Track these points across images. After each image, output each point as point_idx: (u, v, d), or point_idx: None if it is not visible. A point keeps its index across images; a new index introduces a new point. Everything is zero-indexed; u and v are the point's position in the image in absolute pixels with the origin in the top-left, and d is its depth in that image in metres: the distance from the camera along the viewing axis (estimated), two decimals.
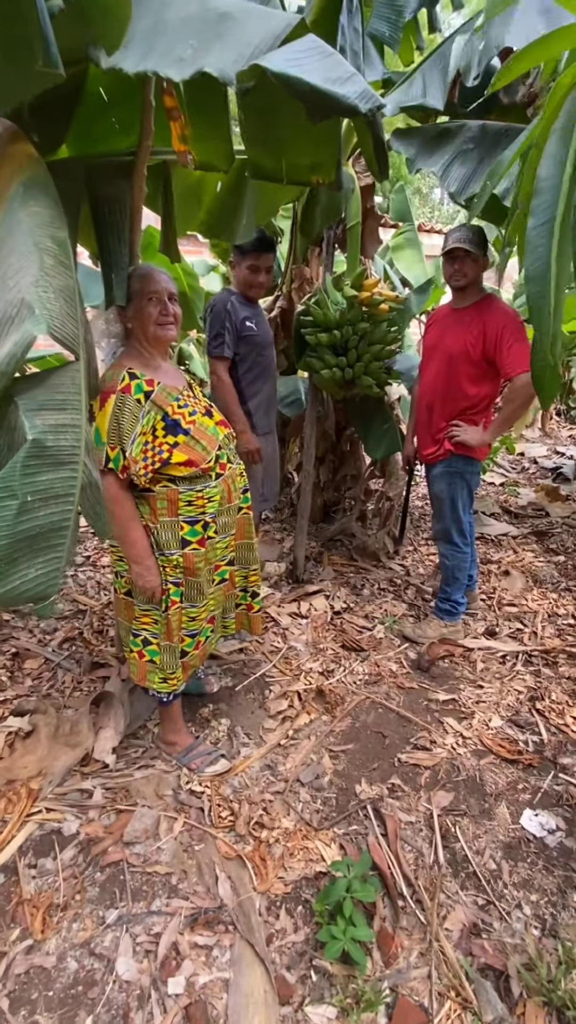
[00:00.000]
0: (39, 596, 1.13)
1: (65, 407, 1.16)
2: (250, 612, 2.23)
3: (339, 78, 1.22)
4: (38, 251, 1.15)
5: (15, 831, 1.74)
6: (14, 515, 1.05)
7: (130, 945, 1.46)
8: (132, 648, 1.93)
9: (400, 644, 2.89)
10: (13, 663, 2.61)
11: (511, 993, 1.41)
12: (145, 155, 1.82)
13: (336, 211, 2.75)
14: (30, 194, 1.26)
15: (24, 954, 1.42)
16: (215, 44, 1.25)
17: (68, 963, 1.42)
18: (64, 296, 1.15)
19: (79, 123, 1.83)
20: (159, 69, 1.21)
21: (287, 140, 1.80)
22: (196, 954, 1.45)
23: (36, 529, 1.10)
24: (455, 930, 1.55)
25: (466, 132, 2.51)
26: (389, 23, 2.95)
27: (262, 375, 2.82)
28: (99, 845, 1.72)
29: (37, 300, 1.07)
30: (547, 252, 1.43)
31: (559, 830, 1.88)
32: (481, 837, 1.85)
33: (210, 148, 1.90)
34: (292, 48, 1.24)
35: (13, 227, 1.20)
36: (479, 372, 2.56)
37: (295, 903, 1.61)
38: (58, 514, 1.13)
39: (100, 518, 1.31)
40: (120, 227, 1.89)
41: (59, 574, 1.15)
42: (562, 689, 2.56)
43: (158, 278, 1.78)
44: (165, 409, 1.72)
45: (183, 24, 1.29)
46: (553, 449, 6.95)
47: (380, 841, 1.80)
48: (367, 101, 1.22)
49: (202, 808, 1.88)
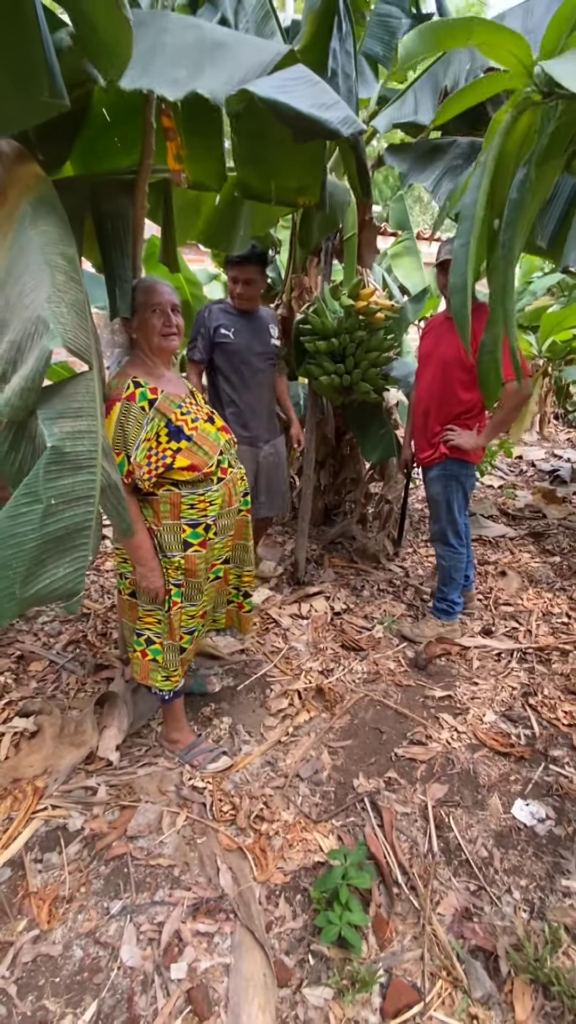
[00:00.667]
0: (67, 593, 1.20)
1: (81, 414, 1.22)
2: (240, 611, 2.29)
3: (324, 104, 1.30)
4: (50, 268, 1.22)
5: (21, 827, 1.80)
6: (40, 518, 1.13)
7: (134, 933, 1.52)
8: (136, 648, 1.99)
9: (398, 643, 2.95)
10: (18, 666, 2.67)
11: (499, 972, 1.47)
12: (146, 173, 1.89)
13: (333, 223, 2.83)
14: (39, 213, 1.33)
15: (31, 943, 1.48)
16: (208, 69, 1.32)
17: (74, 951, 1.48)
18: (76, 310, 1.22)
19: (83, 142, 1.91)
20: (155, 87, 1.28)
21: (276, 163, 1.89)
22: (198, 941, 1.51)
23: (62, 531, 1.18)
24: (447, 914, 1.61)
25: (456, 148, 2.60)
26: (382, 43, 3.11)
27: (241, 385, 2.87)
28: (103, 840, 1.78)
29: (51, 316, 1.14)
30: (465, 270, 1.57)
31: (549, 819, 1.94)
32: (474, 827, 1.90)
33: (203, 168, 1.98)
34: (281, 76, 1.32)
35: (24, 246, 1.27)
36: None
37: (294, 892, 1.66)
38: (81, 515, 1.20)
39: (123, 518, 1.40)
40: (123, 242, 1.96)
41: (83, 572, 1.22)
42: (554, 685, 2.62)
43: (161, 290, 1.84)
44: (168, 416, 1.79)
45: (180, 49, 1.37)
46: (550, 452, 7.01)
47: (376, 832, 1.86)
48: (349, 126, 1.30)
49: (204, 803, 1.94)
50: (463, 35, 1.51)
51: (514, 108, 1.49)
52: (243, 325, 2.86)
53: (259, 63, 1.33)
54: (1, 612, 1.15)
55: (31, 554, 1.14)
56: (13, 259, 1.28)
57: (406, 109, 2.64)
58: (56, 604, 1.29)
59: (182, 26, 1.46)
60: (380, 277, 4.65)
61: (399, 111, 2.66)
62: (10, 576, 1.13)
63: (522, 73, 1.46)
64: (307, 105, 1.25)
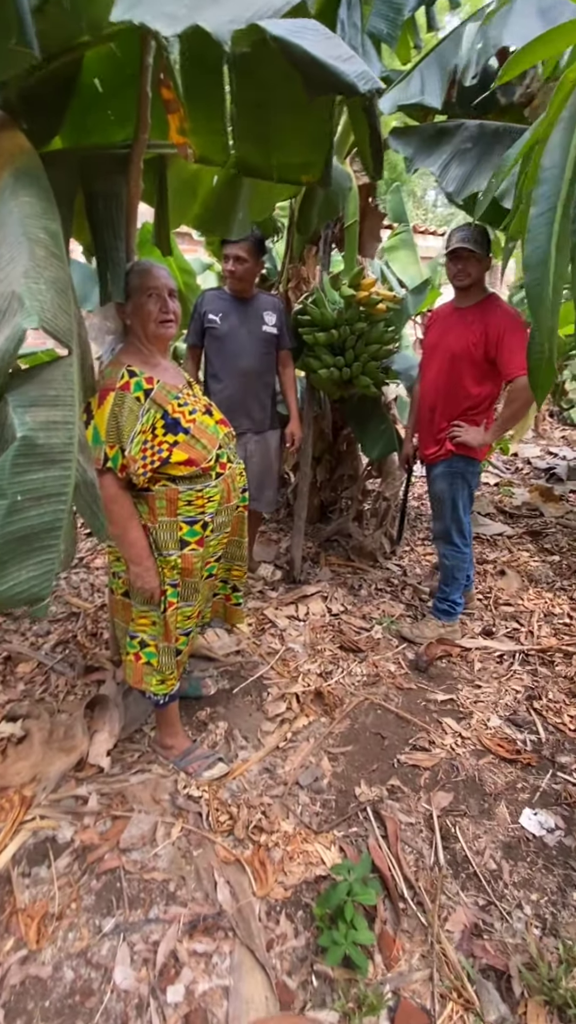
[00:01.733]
0: (31, 598, 1.10)
1: (57, 403, 1.12)
2: (227, 603, 2.22)
3: (340, 56, 1.20)
4: (29, 242, 1.12)
5: (8, 839, 1.71)
6: (3, 515, 1.03)
7: (127, 954, 1.43)
8: (129, 651, 1.90)
9: (398, 645, 2.88)
10: (5, 667, 2.57)
11: (512, 993, 1.40)
12: (141, 148, 1.79)
13: (333, 209, 2.72)
14: (21, 184, 1.22)
15: (19, 964, 1.39)
16: (210, 7, 1.17)
17: (64, 973, 1.39)
18: (56, 288, 1.12)
19: (73, 114, 1.78)
20: (147, 21, 1.12)
21: (278, 137, 1.78)
22: (195, 961, 1.43)
23: (28, 530, 1.07)
24: (456, 931, 1.54)
25: (464, 132, 2.51)
26: (388, 21, 2.94)
27: (222, 373, 2.83)
28: (95, 852, 1.69)
29: (27, 292, 1.04)
30: (547, 240, 1.42)
31: (558, 829, 1.87)
32: (481, 837, 1.83)
33: (208, 141, 1.87)
34: (293, 21, 1.19)
35: (3, 217, 1.17)
36: (481, 372, 2.55)
37: (295, 908, 1.59)
38: (50, 514, 1.10)
39: (97, 518, 1.28)
40: (116, 222, 1.87)
41: (52, 576, 1.12)
42: (559, 688, 2.56)
43: (157, 274, 1.75)
44: (165, 407, 1.70)
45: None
46: (546, 450, 6.98)
47: (380, 843, 1.78)
48: (366, 82, 1.20)
49: (200, 812, 1.86)
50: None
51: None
52: (233, 310, 2.79)
53: (268, 7, 1.18)
54: None
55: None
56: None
57: (412, 90, 2.53)
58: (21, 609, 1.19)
59: None
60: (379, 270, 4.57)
61: (404, 92, 2.55)
62: None
63: None
64: (322, 53, 1.15)
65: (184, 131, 1.61)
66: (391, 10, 2.90)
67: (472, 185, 2.39)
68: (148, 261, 1.82)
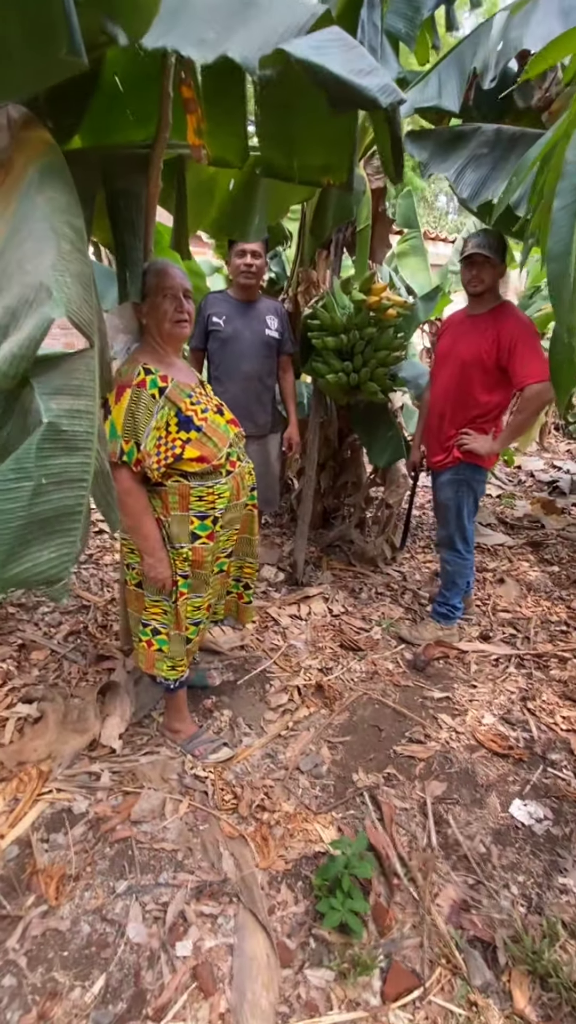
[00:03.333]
0: (51, 579, 1.14)
1: (81, 393, 1.16)
2: (240, 601, 2.31)
3: (362, 70, 1.22)
4: (56, 236, 1.16)
5: (27, 808, 1.81)
6: (28, 497, 1.07)
7: (139, 912, 1.54)
8: (141, 638, 2.01)
9: (396, 645, 2.98)
10: (20, 654, 2.68)
11: (497, 962, 1.49)
12: (162, 147, 1.81)
13: (347, 213, 2.74)
14: (46, 180, 1.26)
15: (40, 918, 1.50)
16: (239, 30, 1.25)
17: (81, 927, 1.50)
18: (81, 282, 1.16)
19: (93, 113, 1.79)
20: (180, 47, 1.21)
21: (301, 139, 1.80)
22: (202, 921, 1.53)
23: (50, 512, 1.12)
24: (446, 906, 1.64)
25: (480, 136, 2.47)
26: (406, 20, 2.87)
27: (225, 375, 2.91)
28: (108, 823, 1.80)
29: (55, 283, 1.08)
30: (569, 232, 1.45)
31: (546, 819, 1.97)
32: (472, 824, 1.93)
33: (225, 143, 1.89)
34: (316, 36, 1.24)
35: (29, 212, 1.22)
36: (492, 380, 2.58)
37: (295, 879, 1.69)
38: (72, 498, 1.14)
39: (112, 508, 1.33)
40: (135, 222, 1.89)
41: (71, 558, 1.16)
42: (553, 691, 2.65)
43: (173, 274, 1.81)
44: (179, 405, 1.77)
45: (208, 7, 1.31)
46: (550, 463, 7.07)
47: (376, 825, 1.88)
48: (388, 95, 1.23)
49: (206, 792, 1.96)
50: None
51: None
52: (236, 314, 2.88)
53: (294, 24, 1.24)
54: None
55: (15, 533, 1.08)
56: (16, 225, 1.22)
57: (429, 92, 2.52)
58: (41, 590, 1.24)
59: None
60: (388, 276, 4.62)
61: (421, 94, 2.53)
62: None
63: None
64: (344, 69, 1.18)
65: (201, 132, 1.64)
66: (410, 9, 2.84)
67: (487, 191, 2.38)
68: (164, 261, 1.88)
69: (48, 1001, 1.31)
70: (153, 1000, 1.34)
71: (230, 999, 1.35)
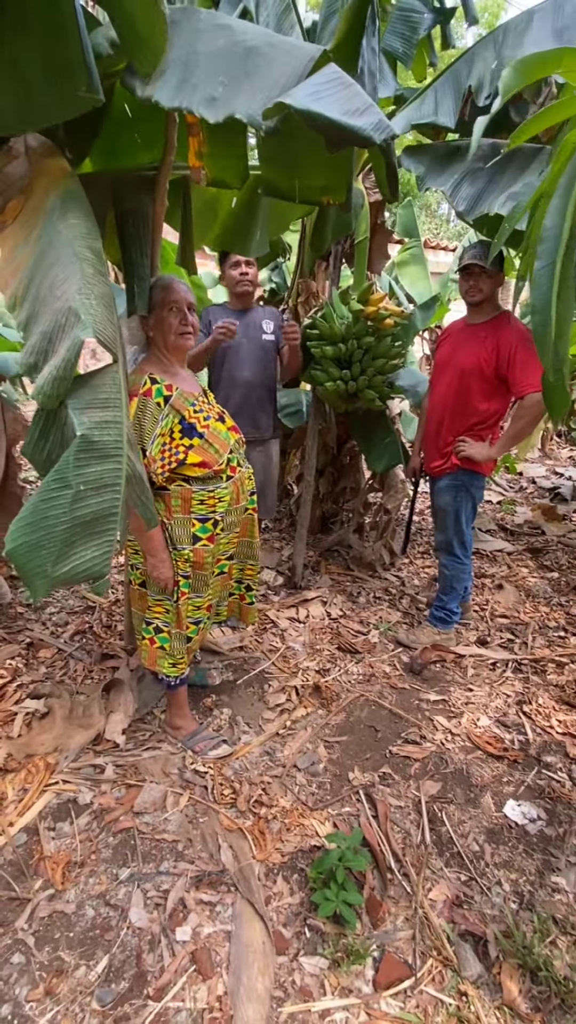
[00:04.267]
0: (95, 574, 1.26)
1: (108, 405, 1.28)
2: (242, 602, 2.38)
3: (356, 110, 1.30)
4: (79, 261, 1.27)
5: (35, 798, 1.87)
6: (70, 503, 1.19)
7: (141, 898, 1.59)
8: (144, 635, 2.07)
9: (394, 648, 3.03)
10: (28, 652, 2.74)
11: (488, 956, 1.54)
12: (168, 169, 1.90)
13: (346, 226, 2.82)
14: (67, 207, 1.37)
15: (47, 901, 1.56)
16: (244, 83, 1.35)
17: (86, 910, 1.56)
18: (104, 303, 1.27)
19: (104, 138, 1.90)
20: (193, 108, 1.33)
21: (302, 162, 1.88)
22: (201, 909, 1.59)
23: (90, 515, 1.23)
24: (439, 900, 1.68)
25: (477, 151, 2.47)
26: (403, 39, 2.98)
27: (227, 382, 2.98)
28: (111, 814, 1.85)
29: (82, 307, 1.19)
30: (549, 290, 1.61)
31: (540, 819, 2.01)
32: (466, 822, 1.98)
33: (225, 166, 1.97)
34: (314, 81, 1.33)
35: (53, 238, 1.32)
36: (490, 388, 2.63)
37: (291, 871, 1.74)
38: (108, 501, 1.26)
39: (148, 507, 1.45)
40: (142, 239, 1.98)
41: (110, 555, 1.28)
42: (549, 695, 2.70)
43: (178, 288, 1.90)
44: (182, 413, 1.86)
45: (213, 58, 1.41)
46: (552, 470, 7.11)
47: (371, 822, 1.93)
48: (381, 132, 1.31)
49: (206, 786, 2.01)
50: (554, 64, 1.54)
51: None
52: (235, 323, 2.96)
53: (294, 71, 1.34)
54: (34, 589, 1.22)
55: (61, 536, 1.20)
56: (42, 251, 1.33)
57: (425, 109, 2.58)
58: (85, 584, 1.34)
59: (212, 26, 1.47)
60: (387, 285, 4.67)
61: (418, 111, 2.60)
62: (43, 556, 1.20)
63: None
64: (339, 112, 1.26)
65: (201, 155, 1.73)
66: (407, 28, 2.95)
67: (483, 205, 2.42)
68: (170, 276, 1.98)
69: (55, 978, 1.37)
70: (154, 981, 1.40)
71: (227, 983, 1.41)
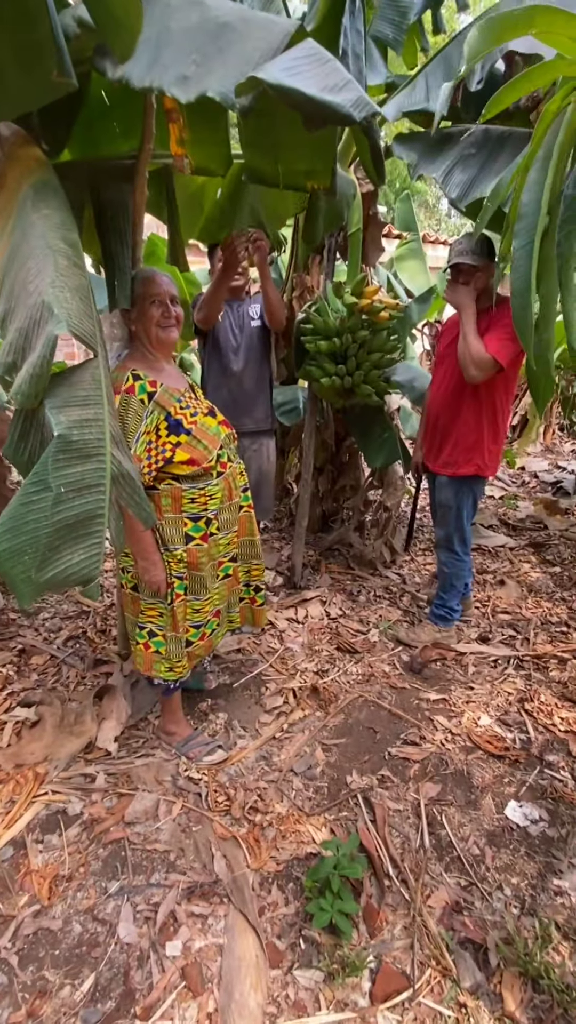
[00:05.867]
0: (84, 579, 1.22)
1: (88, 403, 1.24)
2: (253, 605, 2.34)
3: (335, 86, 1.24)
4: (52, 253, 1.22)
5: (23, 810, 1.83)
6: (51, 506, 1.15)
7: (131, 912, 1.55)
8: (138, 640, 2.03)
9: (394, 647, 2.98)
10: (20, 659, 2.71)
11: (488, 964, 1.49)
12: (146, 157, 1.85)
13: (338, 218, 2.76)
14: (40, 197, 1.32)
15: (32, 917, 1.52)
16: (216, 60, 1.28)
17: (73, 926, 1.51)
18: (79, 295, 1.22)
19: (81, 126, 1.84)
20: (164, 86, 1.27)
21: (284, 145, 1.82)
22: (192, 922, 1.54)
23: (73, 518, 1.19)
24: (437, 907, 1.64)
25: (468, 137, 2.47)
26: (393, 25, 2.91)
27: (220, 373, 2.96)
28: (102, 824, 1.81)
29: (55, 301, 1.14)
30: (528, 271, 1.55)
31: (542, 820, 1.96)
32: (466, 825, 1.93)
33: (207, 152, 1.91)
34: (289, 56, 1.26)
35: (27, 230, 1.27)
36: (488, 380, 2.55)
37: (286, 880, 1.69)
38: (92, 503, 1.22)
39: (141, 507, 1.41)
40: (123, 231, 1.93)
41: (99, 558, 1.24)
42: (551, 692, 2.64)
43: (159, 280, 1.86)
44: (168, 409, 1.81)
45: (186, 35, 1.33)
46: (554, 464, 7.04)
47: (369, 826, 1.88)
48: (361, 109, 1.24)
49: (199, 793, 1.97)
50: (524, 25, 1.44)
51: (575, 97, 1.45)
52: (225, 315, 2.93)
53: (268, 46, 1.27)
54: (21, 595, 1.18)
55: (44, 541, 1.16)
56: (16, 244, 1.28)
57: (417, 96, 2.54)
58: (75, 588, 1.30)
59: (185, 2, 1.39)
60: (386, 279, 4.63)
61: (409, 98, 2.55)
62: (26, 561, 1.16)
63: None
64: (317, 88, 1.20)
65: (183, 141, 1.67)
66: (396, 14, 2.89)
67: (476, 191, 2.38)
68: (151, 269, 1.93)
69: (38, 999, 1.33)
70: (141, 999, 1.35)
71: (218, 999, 1.36)
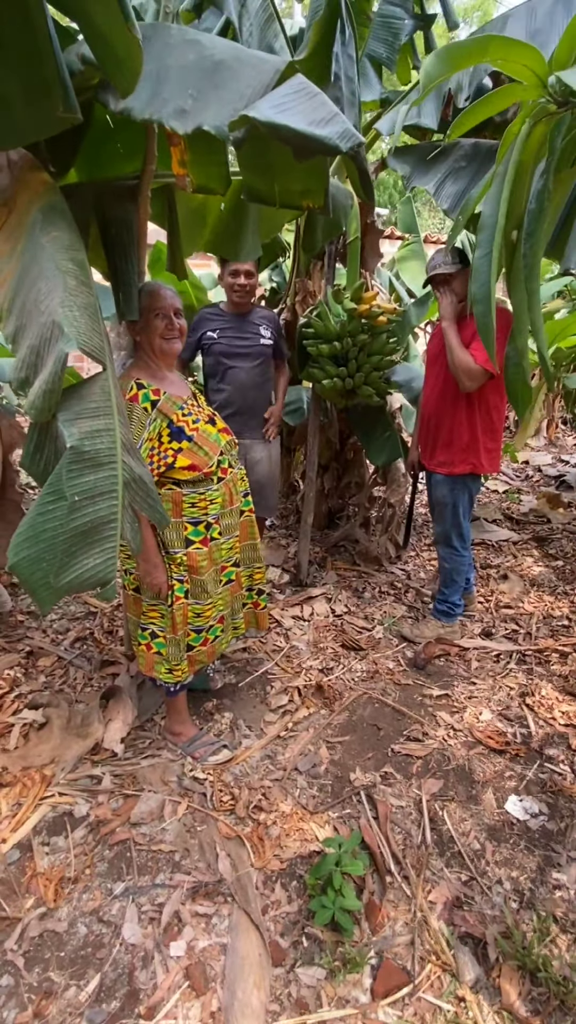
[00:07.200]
0: (100, 581, 1.28)
1: (98, 414, 1.30)
2: (256, 609, 2.36)
3: (322, 119, 1.32)
4: (61, 274, 1.29)
5: (30, 812, 1.87)
6: (66, 514, 1.22)
7: (135, 913, 1.58)
8: (140, 641, 2.07)
9: (398, 644, 3.00)
10: (28, 661, 2.74)
11: (488, 958, 1.51)
12: (149, 178, 1.93)
13: (336, 227, 2.86)
14: (49, 220, 1.39)
15: (38, 920, 1.55)
16: (212, 95, 1.37)
17: (78, 928, 1.54)
18: (88, 313, 1.28)
19: (86, 149, 1.93)
20: (163, 119, 1.35)
21: (279, 167, 1.91)
22: (196, 922, 1.57)
23: (88, 524, 1.26)
24: (438, 903, 1.66)
25: (459, 150, 2.62)
26: (386, 45, 3.08)
27: (224, 385, 2.97)
28: (108, 826, 1.84)
29: (65, 320, 1.21)
30: (488, 279, 1.60)
31: (542, 814, 1.98)
32: (467, 820, 1.95)
33: (208, 172, 2.02)
34: (279, 92, 1.35)
35: (37, 252, 1.34)
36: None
37: (290, 878, 1.72)
38: (105, 509, 1.28)
39: (155, 509, 1.47)
40: (127, 247, 2.00)
41: (114, 561, 1.30)
42: (553, 686, 2.66)
43: (164, 294, 1.91)
44: (170, 417, 1.86)
45: (183, 72, 1.42)
46: (558, 457, 7.03)
47: (371, 823, 1.91)
48: (347, 141, 1.32)
49: (204, 793, 2.00)
50: (479, 53, 1.54)
51: (530, 118, 1.53)
52: (230, 326, 2.95)
53: (259, 83, 1.36)
54: (40, 601, 1.25)
55: (61, 547, 1.23)
56: (26, 265, 1.34)
57: (409, 112, 2.65)
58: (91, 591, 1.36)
59: (182, 41, 1.49)
60: (387, 281, 4.67)
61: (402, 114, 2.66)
62: (44, 568, 1.22)
63: (536, 84, 1.51)
64: (305, 123, 1.27)
65: (184, 163, 1.75)
66: (389, 34, 3.04)
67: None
68: (156, 283, 1.99)
69: (43, 1000, 1.36)
70: (146, 999, 1.38)
71: (221, 998, 1.39)
